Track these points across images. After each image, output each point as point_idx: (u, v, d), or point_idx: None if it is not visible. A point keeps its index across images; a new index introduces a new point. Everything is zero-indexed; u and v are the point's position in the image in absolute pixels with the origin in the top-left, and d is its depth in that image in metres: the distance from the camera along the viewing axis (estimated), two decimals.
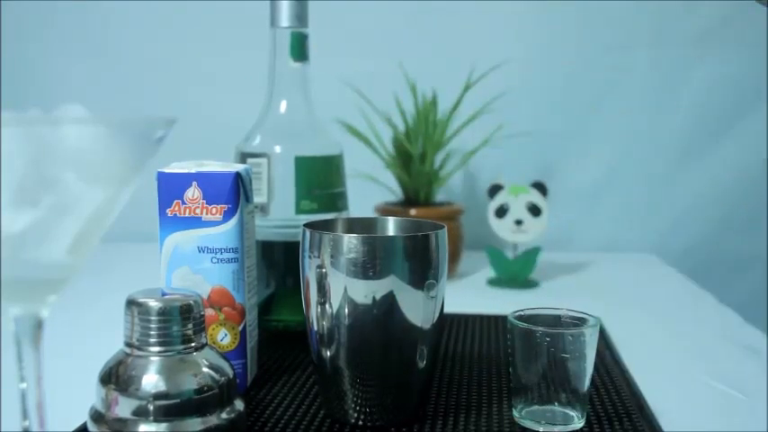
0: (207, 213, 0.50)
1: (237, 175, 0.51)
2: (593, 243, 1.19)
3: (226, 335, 0.52)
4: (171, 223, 0.51)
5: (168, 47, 1.18)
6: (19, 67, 1.19)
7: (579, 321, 0.50)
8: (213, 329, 0.51)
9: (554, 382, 0.48)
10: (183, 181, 0.50)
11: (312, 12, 0.72)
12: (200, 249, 0.51)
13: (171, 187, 0.50)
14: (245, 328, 0.53)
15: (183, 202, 0.50)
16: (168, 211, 0.50)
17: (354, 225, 0.55)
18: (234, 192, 0.50)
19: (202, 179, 0.50)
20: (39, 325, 0.36)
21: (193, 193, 0.50)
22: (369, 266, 0.46)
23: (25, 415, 0.37)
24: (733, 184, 1.17)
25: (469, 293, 0.90)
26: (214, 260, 0.51)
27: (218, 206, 0.50)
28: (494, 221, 0.95)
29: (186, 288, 0.49)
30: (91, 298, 0.77)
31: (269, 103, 0.71)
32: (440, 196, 1.03)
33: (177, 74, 1.17)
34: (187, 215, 0.50)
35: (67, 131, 0.32)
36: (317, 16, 0.75)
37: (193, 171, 0.50)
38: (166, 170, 0.51)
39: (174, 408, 0.42)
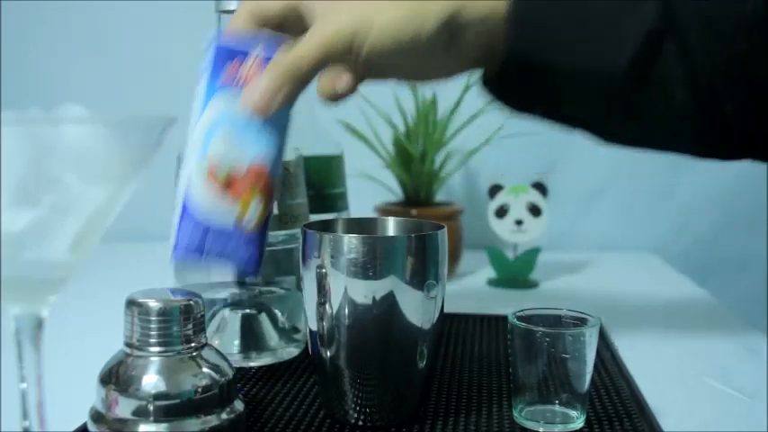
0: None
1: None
2: (594, 243, 1.19)
3: (255, 212, 0.48)
4: (219, 89, 0.48)
5: (168, 47, 1.18)
6: (19, 67, 1.19)
7: (579, 321, 0.50)
8: (245, 200, 0.48)
9: (554, 382, 0.48)
10: (246, 46, 0.48)
11: None
12: (248, 119, 0.48)
13: (231, 50, 0.48)
14: (271, 211, 0.50)
15: (234, 72, 0.48)
16: (224, 74, 0.48)
17: (354, 225, 0.55)
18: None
19: (266, 44, 0.49)
20: (39, 325, 0.36)
21: (253, 62, 0.48)
22: (369, 266, 0.46)
23: (25, 415, 0.37)
24: (733, 184, 1.17)
25: (469, 293, 0.90)
26: (261, 130, 0.48)
27: None
28: (494, 221, 0.95)
29: (227, 156, 0.47)
30: (91, 298, 0.77)
31: None
32: (440, 196, 1.03)
33: (177, 74, 1.16)
34: (235, 84, 0.48)
35: (67, 131, 0.32)
36: None
37: (250, 40, 0.49)
38: (222, 42, 0.49)
39: (173, 408, 0.42)
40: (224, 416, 0.44)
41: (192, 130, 0.48)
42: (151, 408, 0.42)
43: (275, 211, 0.61)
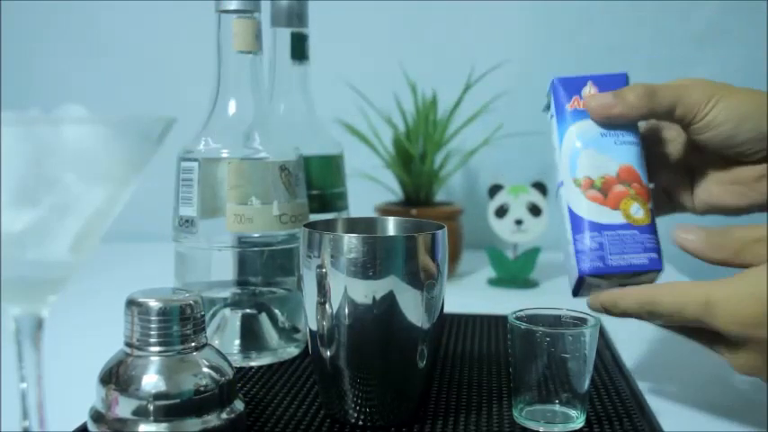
0: None
1: (626, 75, 0.54)
2: None
3: (639, 209, 0.51)
4: (572, 116, 0.53)
5: (168, 47, 1.18)
6: (19, 67, 1.20)
7: (579, 321, 0.50)
8: (625, 203, 0.51)
9: (554, 382, 0.48)
10: (579, 82, 0.54)
11: (312, 12, 0.72)
12: (603, 135, 0.53)
13: (568, 87, 0.54)
14: (652, 209, 0.52)
15: (581, 98, 0.53)
16: (568, 106, 0.53)
17: (354, 225, 0.55)
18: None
19: (597, 80, 0.54)
20: (39, 325, 0.36)
21: (589, 90, 0.53)
22: (369, 266, 0.46)
23: (25, 415, 0.37)
24: None
25: (469, 293, 0.90)
26: (617, 142, 0.52)
27: None
28: (494, 221, 0.95)
29: (595, 166, 0.51)
30: (91, 298, 0.77)
31: (269, 103, 0.71)
32: (440, 196, 1.03)
33: (177, 74, 1.17)
34: (581, 110, 0.53)
35: (67, 131, 0.32)
36: (317, 16, 0.75)
37: (587, 75, 0.54)
38: (560, 77, 0.54)
39: (173, 408, 0.42)
40: (224, 416, 0.44)
41: (557, 164, 0.54)
42: (151, 408, 0.42)
43: (275, 211, 0.61)
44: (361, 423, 0.49)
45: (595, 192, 0.51)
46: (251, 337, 0.62)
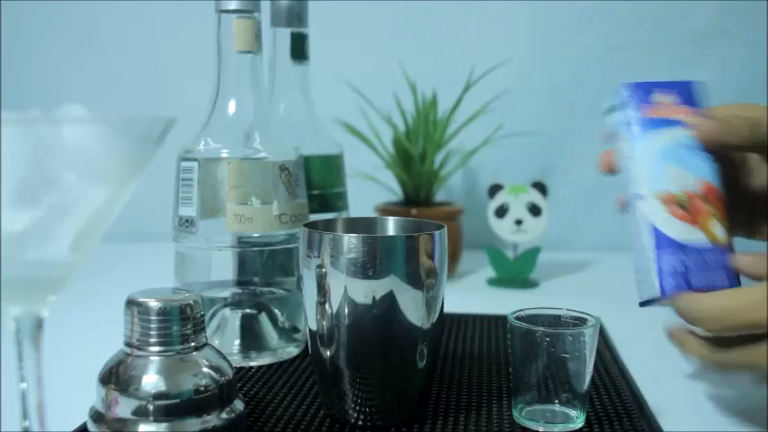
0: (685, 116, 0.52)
1: (694, 83, 0.54)
2: (593, 243, 1.19)
3: (720, 228, 0.50)
4: (649, 125, 0.52)
5: (168, 47, 1.18)
6: (19, 67, 1.20)
7: (579, 321, 0.50)
8: (708, 222, 0.49)
9: (554, 382, 0.48)
10: (648, 88, 0.53)
11: (312, 12, 0.72)
12: (681, 147, 0.51)
13: (641, 94, 0.53)
14: (730, 227, 0.51)
15: (653, 105, 0.52)
16: (644, 114, 0.52)
17: (354, 225, 0.55)
18: (701, 98, 0.53)
19: (663, 87, 0.53)
20: (39, 325, 0.36)
21: (661, 98, 0.52)
22: (369, 266, 0.46)
23: (25, 415, 0.37)
24: None
25: (469, 293, 0.90)
26: (696, 156, 0.51)
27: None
28: (494, 221, 0.95)
29: (676, 180, 0.50)
30: (91, 298, 0.77)
31: (269, 103, 0.71)
32: (440, 196, 1.03)
33: (177, 74, 1.17)
34: (664, 117, 0.52)
35: (67, 131, 0.32)
36: (317, 16, 0.75)
37: (653, 81, 0.53)
38: (632, 82, 0.53)
39: (173, 408, 0.42)
40: (224, 416, 0.44)
41: (631, 175, 0.52)
42: (151, 407, 0.42)
43: (275, 211, 0.61)
44: (361, 423, 0.49)
45: (678, 208, 0.49)
46: (251, 337, 0.62)
